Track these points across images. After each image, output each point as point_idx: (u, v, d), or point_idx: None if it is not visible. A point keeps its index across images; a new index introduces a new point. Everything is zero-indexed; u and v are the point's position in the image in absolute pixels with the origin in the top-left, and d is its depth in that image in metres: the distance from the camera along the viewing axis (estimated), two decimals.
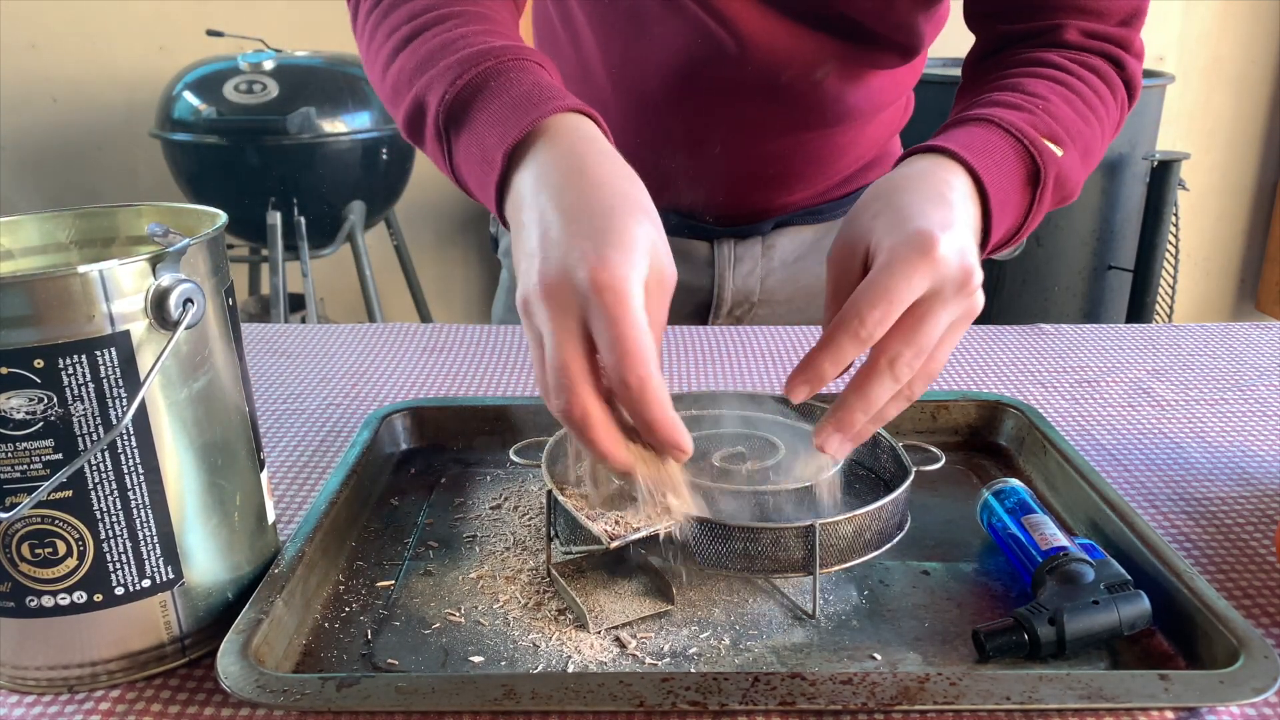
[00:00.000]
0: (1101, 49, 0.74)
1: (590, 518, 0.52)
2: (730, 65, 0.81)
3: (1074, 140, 0.67)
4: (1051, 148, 0.64)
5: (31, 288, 0.42)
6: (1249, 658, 0.45)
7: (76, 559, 0.45)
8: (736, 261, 0.97)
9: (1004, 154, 0.62)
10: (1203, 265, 2.92)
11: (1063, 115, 0.67)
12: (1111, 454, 0.72)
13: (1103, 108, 0.72)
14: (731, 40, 0.79)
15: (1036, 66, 0.72)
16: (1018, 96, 0.67)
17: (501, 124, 0.55)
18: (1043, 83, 0.70)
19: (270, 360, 0.91)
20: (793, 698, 0.44)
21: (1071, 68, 0.72)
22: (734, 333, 0.97)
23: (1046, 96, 0.68)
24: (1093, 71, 0.72)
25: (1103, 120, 0.72)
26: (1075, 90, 0.70)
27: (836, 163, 0.94)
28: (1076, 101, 0.70)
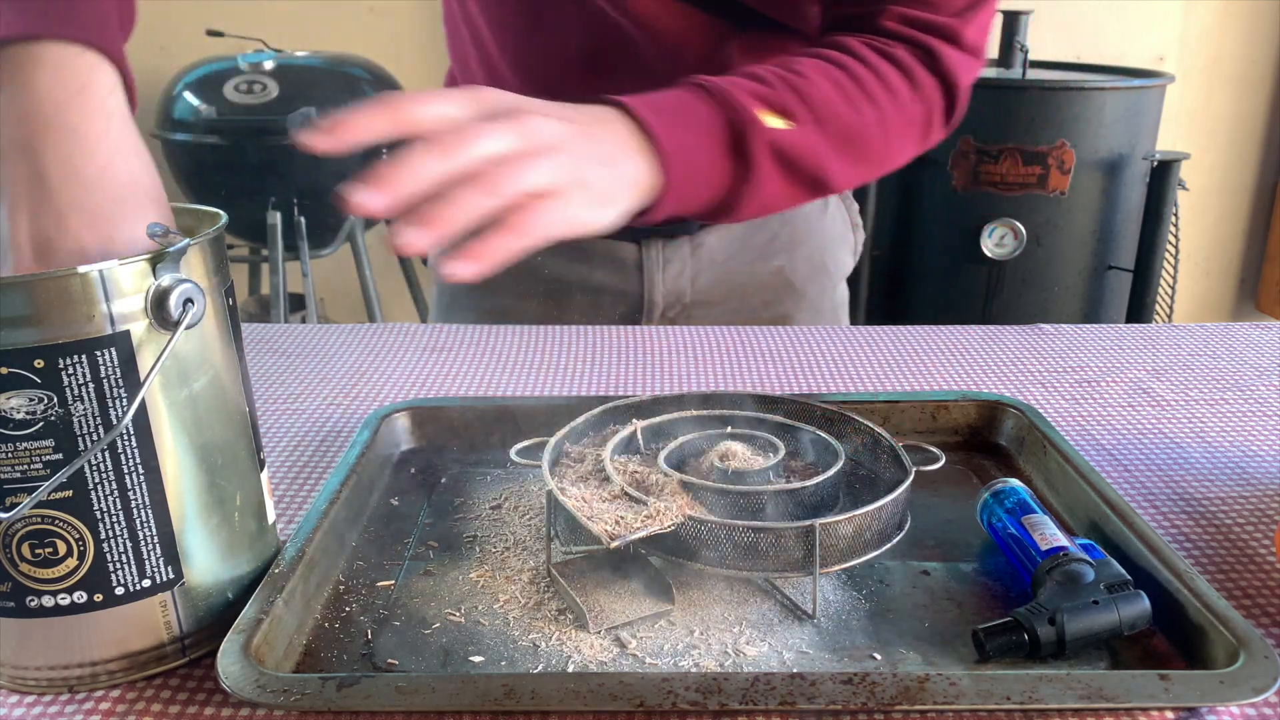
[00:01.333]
0: (914, 38, 0.72)
1: (590, 517, 0.52)
2: (631, 50, 0.79)
3: (823, 122, 0.65)
4: (766, 118, 0.62)
5: (32, 288, 0.42)
6: (1249, 658, 0.45)
7: (77, 559, 0.45)
8: (665, 263, 0.96)
9: (697, 115, 0.60)
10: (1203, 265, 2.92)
11: (816, 95, 0.65)
12: (1111, 454, 0.72)
13: (888, 97, 0.70)
14: (629, 23, 0.78)
15: (827, 49, 0.71)
16: (770, 70, 0.66)
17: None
18: (815, 62, 0.68)
19: (270, 360, 0.91)
20: (793, 698, 0.44)
21: (865, 54, 0.70)
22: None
23: (807, 75, 0.66)
24: (890, 61, 0.71)
25: (884, 109, 0.70)
26: (854, 74, 0.68)
27: None
28: (851, 88, 0.68)
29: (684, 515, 0.53)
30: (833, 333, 0.97)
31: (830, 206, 1.04)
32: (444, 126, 0.48)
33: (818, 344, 0.94)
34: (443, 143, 0.46)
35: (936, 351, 0.92)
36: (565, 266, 0.99)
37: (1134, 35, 2.66)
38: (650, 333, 0.96)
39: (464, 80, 0.96)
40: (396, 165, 0.45)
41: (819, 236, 1.02)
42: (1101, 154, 2.09)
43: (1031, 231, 2.10)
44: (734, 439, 0.62)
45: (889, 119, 0.71)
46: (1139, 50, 2.66)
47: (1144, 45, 2.67)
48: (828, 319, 1.04)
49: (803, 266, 1.01)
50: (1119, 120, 2.08)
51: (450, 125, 0.48)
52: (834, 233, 1.04)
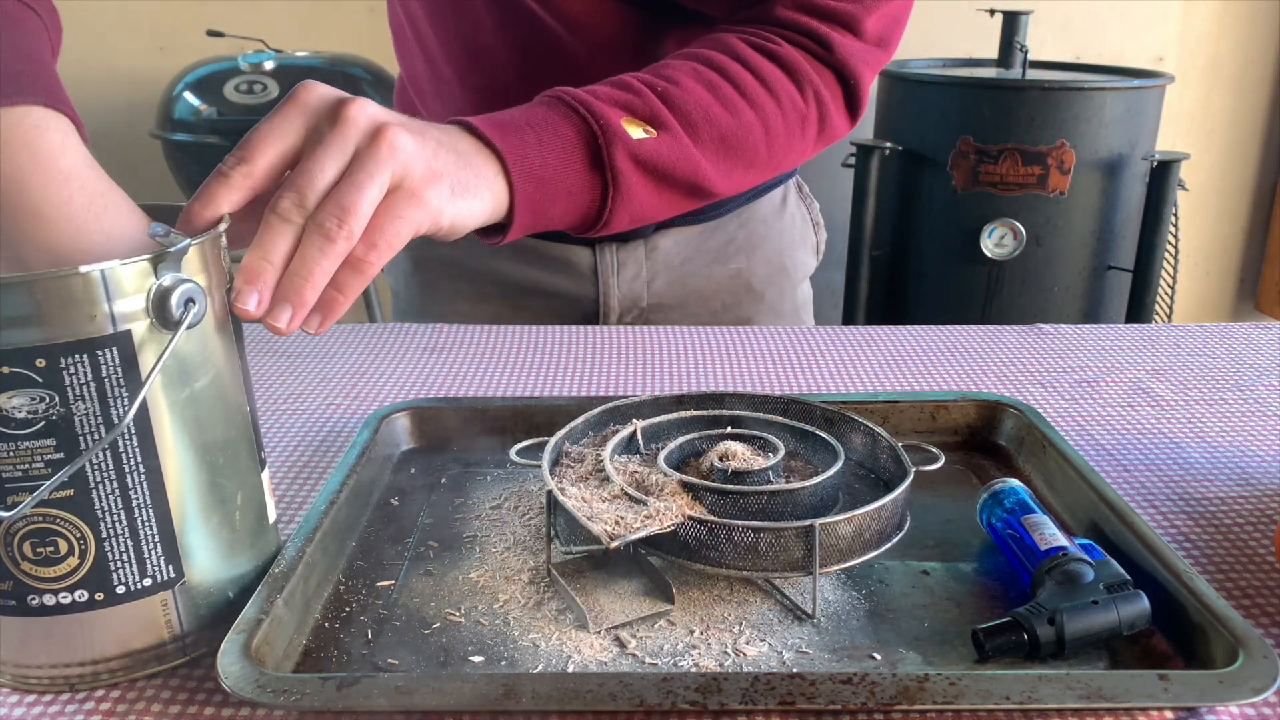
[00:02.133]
0: (809, 27, 0.70)
1: (590, 518, 0.52)
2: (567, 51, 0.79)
3: (695, 127, 0.65)
4: (629, 129, 0.61)
5: (33, 287, 0.42)
6: (1248, 658, 0.45)
7: (78, 558, 0.45)
8: (620, 267, 0.96)
9: (553, 129, 0.60)
10: (1203, 265, 2.92)
11: (687, 102, 0.65)
12: (1111, 454, 0.72)
13: (767, 96, 0.69)
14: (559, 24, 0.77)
15: (706, 50, 0.69)
16: (638, 77, 0.66)
17: None
18: (689, 65, 0.67)
19: (270, 360, 0.91)
20: (793, 698, 0.44)
21: (744, 53, 0.69)
22: (728, 333, 0.97)
23: (678, 80, 0.66)
24: (772, 59, 0.69)
25: (764, 111, 0.69)
26: (731, 77, 0.67)
27: None
28: (726, 90, 0.67)
29: (684, 515, 0.53)
30: (832, 333, 0.97)
31: (789, 207, 1.03)
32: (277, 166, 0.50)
33: (817, 344, 0.94)
34: (282, 213, 0.48)
35: (936, 351, 0.92)
36: (520, 271, 0.99)
37: (1134, 35, 2.66)
38: (650, 333, 0.96)
39: (414, 89, 0.96)
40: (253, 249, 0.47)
41: (777, 238, 1.01)
42: (1101, 154, 2.09)
43: (1031, 231, 2.10)
44: (734, 439, 0.62)
45: (771, 119, 0.70)
46: (1139, 50, 2.66)
47: (1143, 45, 2.67)
48: (789, 320, 1.04)
49: (761, 268, 1.00)
50: (1119, 120, 2.08)
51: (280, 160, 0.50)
52: (793, 233, 1.03)
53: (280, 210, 0.48)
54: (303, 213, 0.48)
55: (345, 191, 0.48)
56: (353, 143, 0.50)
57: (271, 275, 0.48)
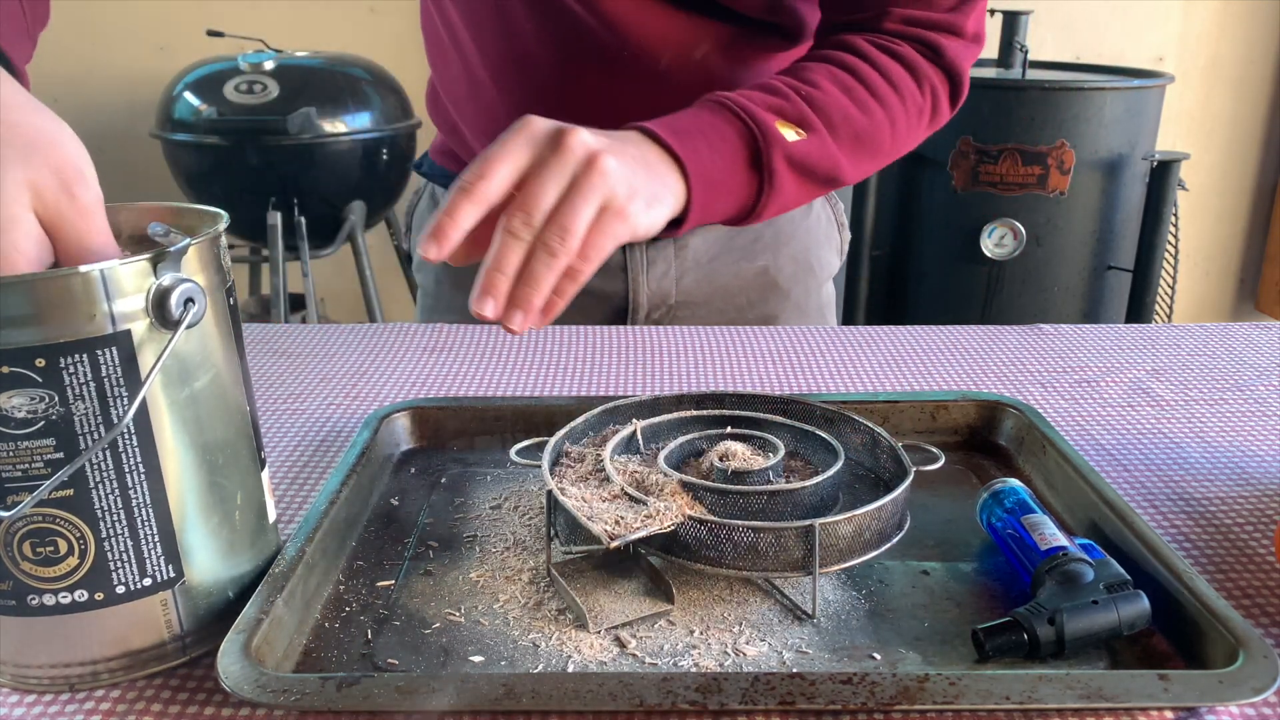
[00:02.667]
0: (918, 35, 0.75)
1: (590, 518, 0.52)
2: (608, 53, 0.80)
3: (835, 127, 0.70)
4: (784, 131, 0.67)
5: (33, 287, 0.42)
6: (1248, 658, 0.45)
7: (78, 558, 0.45)
8: (649, 265, 0.96)
9: (719, 135, 0.65)
10: (1203, 265, 2.92)
11: (828, 102, 0.70)
12: (1111, 454, 0.72)
13: (894, 96, 0.74)
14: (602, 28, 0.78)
15: (834, 50, 0.75)
16: (783, 81, 0.71)
17: None
18: (824, 68, 0.72)
19: (270, 360, 0.91)
20: (793, 698, 0.44)
21: (871, 53, 0.74)
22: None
23: (817, 83, 0.71)
24: (897, 59, 0.75)
25: (892, 109, 0.74)
26: (861, 77, 0.73)
27: None
28: (859, 90, 0.72)
29: (684, 515, 0.53)
30: (832, 333, 0.97)
31: (815, 206, 1.04)
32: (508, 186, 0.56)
33: (817, 344, 0.94)
34: (514, 231, 0.55)
35: (936, 351, 0.92)
36: None
37: (1134, 35, 2.66)
38: (650, 333, 0.96)
39: (447, 94, 0.96)
40: (496, 276, 0.55)
41: (803, 236, 1.01)
42: (1101, 154, 2.09)
43: (1031, 231, 2.10)
44: (734, 439, 0.62)
45: (896, 115, 0.75)
46: (1139, 50, 2.66)
47: (1144, 45, 2.67)
48: (813, 319, 1.04)
49: (787, 266, 1.00)
50: (1119, 120, 2.08)
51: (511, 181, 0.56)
52: (818, 232, 1.04)
53: (512, 229, 0.55)
54: (530, 231, 0.55)
55: (566, 214, 0.55)
56: (570, 169, 0.56)
57: (505, 285, 0.55)
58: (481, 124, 0.92)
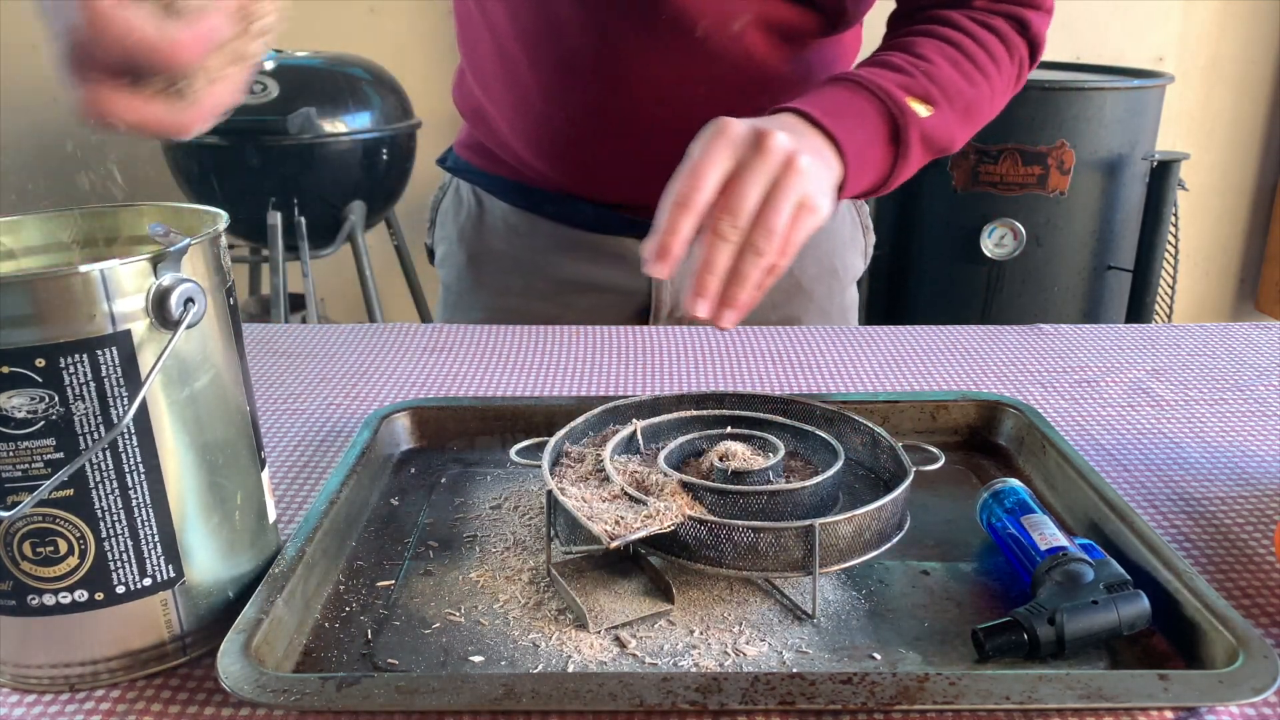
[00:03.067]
0: (1006, 10, 0.80)
1: (590, 518, 0.52)
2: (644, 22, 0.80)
3: (952, 100, 0.74)
4: (916, 108, 0.71)
5: (33, 287, 0.42)
6: (1248, 658, 0.45)
7: (78, 557, 0.45)
8: None
9: (863, 115, 0.69)
10: (1203, 265, 2.92)
11: (943, 76, 0.74)
12: (1111, 454, 0.72)
13: (994, 67, 0.78)
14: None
15: (934, 25, 0.79)
16: (901, 58, 0.74)
17: None
18: (933, 43, 0.76)
19: (270, 360, 0.91)
20: (793, 698, 0.44)
21: (970, 27, 0.78)
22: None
23: (931, 58, 0.75)
24: (992, 32, 0.79)
25: (992, 80, 0.78)
26: (966, 51, 0.77)
27: None
28: (964, 63, 0.76)
29: (684, 515, 0.53)
30: (833, 333, 0.97)
31: (841, 209, 1.04)
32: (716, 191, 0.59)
33: (817, 344, 0.94)
34: (723, 235, 0.58)
35: (936, 351, 0.92)
36: (573, 266, 0.99)
37: (1134, 35, 2.66)
38: (650, 333, 0.96)
39: (475, 75, 0.96)
40: (709, 278, 0.58)
41: (828, 239, 1.02)
42: (1101, 154, 2.09)
43: (1031, 231, 2.10)
44: (734, 439, 0.62)
45: (995, 86, 0.79)
46: (1139, 50, 2.66)
47: (1144, 45, 2.67)
48: (836, 321, 1.05)
49: (811, 268, 1.01)
50: (1119, 120, 2.08)
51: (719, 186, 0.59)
52: (843, 235, 1.04)
53: (721, 232, 0.58)
54: (739, 233, 0.58)
55: (770, 215, 0.58)
56: (772, 170, 0.59)
57: (717, 286, 0.58)
58: (510, 100, 0.91)
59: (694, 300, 0.58)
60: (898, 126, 0.70)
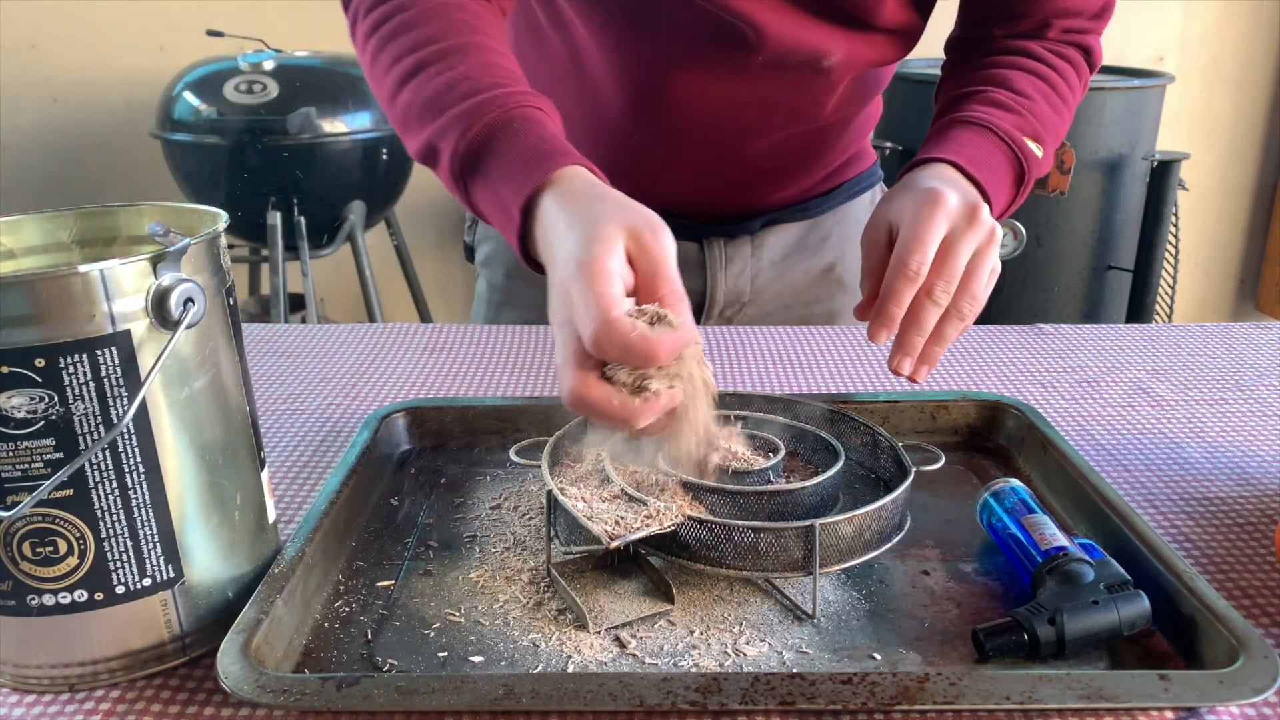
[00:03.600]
0: (1078, 40, 0.82)
1: (590, 518, 0.52)
2: (743, 52, 0.81)
3: (1049, 135, 0.77)
4: (1034, 148, 0.74)
5: (33, 287, 0.42)
6: (1249, 658, 0.45)
7: (77, 558, 0.45)
8: (728, 262, 0.98)
9: (998, 161, 0.72)
10: (1203, 265, 2.92)
11: (1044, 114, 0.77)
12: (1111, 454, 0.72)
13: (1072, 97, 0.82)
14: (748, 29, 0.80)
15: (1021, 57, 0.81)
16: (1008, 96, 0.77)
17: (513, 179, 0.59)
18: (1027, 79, 0.79)
19: (270, 360, 0.91)
20: (793, 698, 0.44)
21: (1052, 60, 0.80)
22: (725, 333, 0.97)
23: (1031, 96, 0.77)
24: (1068, 62, 0.82)
25: (1071, 107, 0.82)
26: (1053, 85, 0.79)
27: (823, 157, 0.96)
28: (1054, 97, 0.79)
29: (684, 515, 0.53)
30: (833, 333, 0.97)
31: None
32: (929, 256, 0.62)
33: (817, 344, 0.94)
34: (936, 299, 0.61)
35: None
36: None
37: (1134, 35, 2.66)
38: None
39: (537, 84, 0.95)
40: (915, 337, 0.62)
41: None
42: (1101, 154, 2.09)
43: (1031, 231, 2.10)
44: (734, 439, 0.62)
45: (1072, 109, 0.83)
46: (1139, 50, 2.66)
47: (1144, 45, 2.67)
48: None
49: (854, 264, 1.02)
50: (1119, 120, 2.08)
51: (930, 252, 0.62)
52: None
53: (935, 297, 0.61)
54: (947, 297, 0.61)
55: (974, 283, 0.62)
56: (979, 241, 0.62)
57: (920, 344, 0.62)
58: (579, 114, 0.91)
59: (900, 359, 0.61)
60: (1023, 169, 0.74)
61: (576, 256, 0.50)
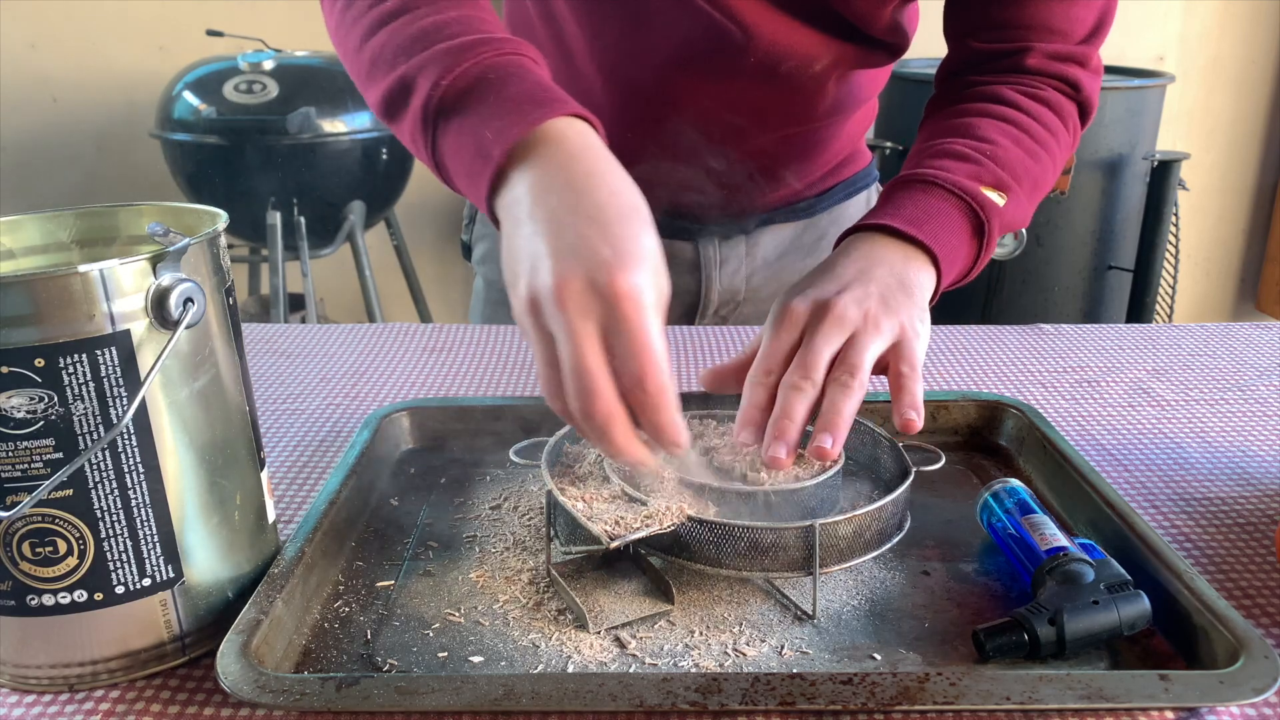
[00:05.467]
0: (1060, 72, 0.79)
1: (590, 518, 0.52)
2: (733, 54, 0.81)
3: (1020, 181, 0.74)
4: (994, 198, 0.71)
5: (32, 287, 0.42)
6: (1249, 658, 0.45)
7: (77, 558, 0.45)
8: (722, 262, 0.98)
9: (947, 215, 0.70)
10: (1203, 265, 2.92)
11: (1011, 160, 0.74)
12: (1111, 454, 0.72)
13: (1053, 140, 0.78)
14: (737, 30, 0.80)
15: (989, 104, 0.78)
16: (966, 144, 0.74)
17: (502, 119, 0.54)
18: (994, 125, 0.76)
19: (270, 360, 0.91)
20: (793, 698, 0.44)
21: (1025, 104, 0.77)
22: (720, 333, 0.97)
23: (995, 140, 0.75)
24: (1045, 105, 0.78)
25: (1053, 151, 0.78)
26: (1026, 129, 0.77)
27: (818, 158, 0.95)
28: (1027, 141, 0.76)
29: (684, 515, 0.53)
30: None
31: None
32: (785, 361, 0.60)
33: None
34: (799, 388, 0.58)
35: (936, 351, 0.92)
36: None
37: (1134, 35, 2.66)
38: None
39: None
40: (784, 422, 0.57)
41: None
42: (1101, 154, 2.09)
43: (1031, 231, 2.10)
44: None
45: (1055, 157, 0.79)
46: (1139, 50, 2.66)
47: (1144, 45, 2.67)
48: None
49: None
50: (1119, 120, 2.08)
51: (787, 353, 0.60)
52: None
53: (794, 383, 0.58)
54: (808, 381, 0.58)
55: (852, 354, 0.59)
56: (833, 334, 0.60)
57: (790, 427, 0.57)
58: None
59: (775, 444, 0.57)
60: (980, 220, 0.71)
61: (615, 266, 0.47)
